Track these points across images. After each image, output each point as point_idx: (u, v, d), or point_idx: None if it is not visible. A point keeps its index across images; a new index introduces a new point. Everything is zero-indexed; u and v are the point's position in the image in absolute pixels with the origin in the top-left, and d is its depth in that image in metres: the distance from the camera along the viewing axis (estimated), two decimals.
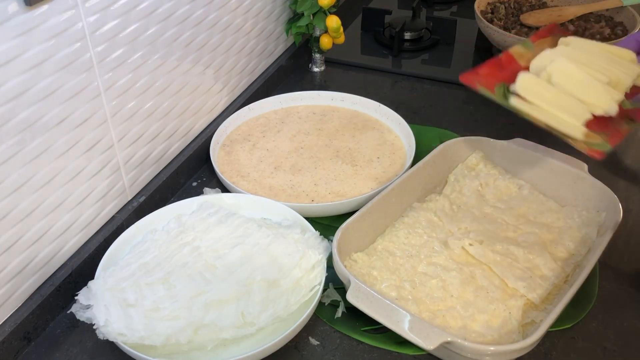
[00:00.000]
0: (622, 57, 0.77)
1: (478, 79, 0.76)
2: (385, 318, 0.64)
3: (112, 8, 0.71)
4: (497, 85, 0.74)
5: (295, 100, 1.06)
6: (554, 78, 0.72)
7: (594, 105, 0.71)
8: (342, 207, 0.83)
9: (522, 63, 0.78)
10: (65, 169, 0.71)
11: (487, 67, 0.78)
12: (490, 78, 0.76)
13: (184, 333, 0.65)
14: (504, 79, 0.76)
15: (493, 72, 0.77)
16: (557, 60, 0.74)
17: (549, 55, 0.76)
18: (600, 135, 0.70)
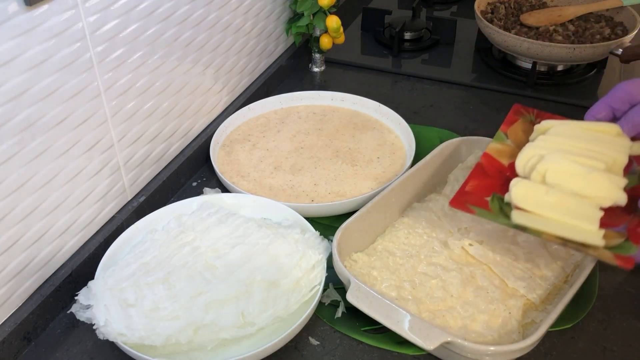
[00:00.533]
0: (608, 133, 0.70)
1: (468, 199, 0.69)
2: (385, 318, 0.64)
3: (112, 8, 0.71)
4: (490, 200, 0.68)
5: (295, 100, 1.06)
6: (549, 178, 0.66)
7: (601, 198, 0.65)
8: (342, 207, 0.84)
9: (504, 161, 0.73)
10: (65, 169, 0.71)
11: (473, 179, 0.72)
12: (479, 193, 0.70)
13: (184, 333, 0.65)
14: (495, 188, 0.70)
15: (480, 185, 0.71)
16: (546, 156, 0.67)
17: (532, 151, 0.69)
18: (620, 233, 0.63)
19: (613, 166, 0.68)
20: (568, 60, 1.08)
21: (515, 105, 0.81)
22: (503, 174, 0.71)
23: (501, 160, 0.73)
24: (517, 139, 0.76)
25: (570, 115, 1.06)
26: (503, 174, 0.72)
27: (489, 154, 0.74)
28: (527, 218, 0.65)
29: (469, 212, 0.67)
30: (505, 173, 0.72)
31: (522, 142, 0.74)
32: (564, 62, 1.11)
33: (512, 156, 0.72)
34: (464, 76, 1.17)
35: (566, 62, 1.11)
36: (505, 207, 0.67)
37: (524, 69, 1.16)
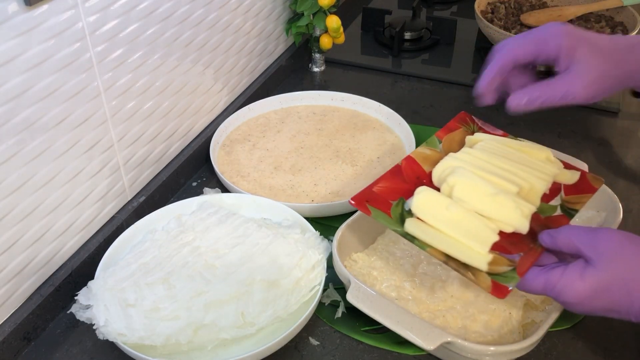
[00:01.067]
0: (536, 157, 0.69)
1: (370, 199, 0.66)
2: (385, 318, 0.64)
3: (112, 8, 0.71)
4: (395, 204, 0.65)
5: (295, 100, 1.06)
6: (456, 192, 0.64)
7: (502, 222, 0.62)
8: (342, 207, 0.83)
9: (426, 168, 0.70)
10: (65, 169, 0.71)
11: (384, 180, 0.68)
12: (386, 195, 0.66)
13: (183, 333, 0.65)
14: (404, 193, 0.66)
15: (390, 187, 0.67)
16: (457, 170, 0.65)
17: (449, 162, 0.68)
18: (509, 261, 0.60)
19: (528, 192, 0.65)
20: None
21: (462, 113, 0.79)
22: (420, 181, 0.68)
23: (424, 167, 0.70)
24: (450, 148, 0.73)
25: (570, 116, 1.06)
26: (420, 180, 0.69)
27: (412, 157, 0.71)
28: (419, 229, 0.62)
29: (366, 212, 0.65)
30: (422, 180, 0.69)
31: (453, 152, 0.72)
32: None
33: (436, 164, 0.70)
34: (464, 76, 1.17)
35: None
36: (406, 214, 0.64)
37: None
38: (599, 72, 0.59)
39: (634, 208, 0.86)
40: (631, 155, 0.96)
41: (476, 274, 0.59)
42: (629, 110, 1.06)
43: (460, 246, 0.61)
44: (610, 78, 0.60)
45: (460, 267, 0.60)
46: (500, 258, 0.60)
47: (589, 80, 0.59)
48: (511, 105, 0.63)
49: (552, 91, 0.60)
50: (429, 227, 0.63)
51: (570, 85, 0.59)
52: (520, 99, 0.62)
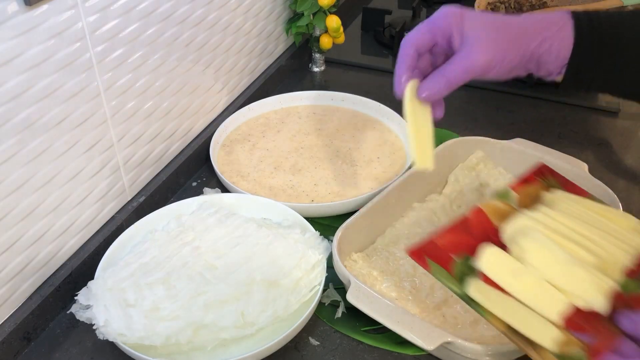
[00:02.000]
0: (619, 224, 0.62)
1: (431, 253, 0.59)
2: (385, 318, 0.64)
3: (112, 8, 0.71)
4: (458, 259, 0.59)
5: (295, 100, 1.06)
6: (527, 256, 0.57)
7: (576, 296, 0.55)
8: (342, 207, 0.83)
9: (496, 222, 0.62)
10: (65, 169, 0.71)
11: (450, 233, 0.61)
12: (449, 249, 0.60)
13: (183, 333, 0.65)
14: (470, 250, 0.59)
15: (455, 241, 0.60)
16: (531, 232, 0.59)
17: (523, 221, 0.61)
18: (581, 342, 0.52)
19: (609, 264, 0.58)
20: None
21: (540, 165, 0.71)
22: (486, 236, 0.61)
23: (493, 221, 0.63)
24: (524, 203, 0.66)
25: (570, 116, 1.06)
26: (487, 235, 0.61)
27: (482, 210, 0.64)
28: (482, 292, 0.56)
29: (424, 266, 0.59)
30: (489, 235, 0.61)
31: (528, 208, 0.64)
32: None
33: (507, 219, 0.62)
34: None
35: None
36: (469, 273, 0.58)
37: None
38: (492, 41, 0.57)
39: (634, 208, 0.86)
40: (631, 156, 0.96)
41: (541, 352, 0.53)
42: (629, 111, 1.06)
43: (526, 318, 0.54)
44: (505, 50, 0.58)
45: (522, 341, 0.54)
46: (570, 338, 0.53)
47: (484, 48, 0.57)
48: (421, 96, 0.60)
49: (454, 69, 0.58)
50: (494, 291, 0.56)
51: (467, 57, 0.57)
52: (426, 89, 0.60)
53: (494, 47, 0.57)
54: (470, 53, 0.57)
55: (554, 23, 0.59)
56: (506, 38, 0.58)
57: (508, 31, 0.58)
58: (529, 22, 0.59)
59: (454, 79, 0.59)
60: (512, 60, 0.59)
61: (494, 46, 0.57)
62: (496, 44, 0.57)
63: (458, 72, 0.58)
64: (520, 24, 0.59)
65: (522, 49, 0.58)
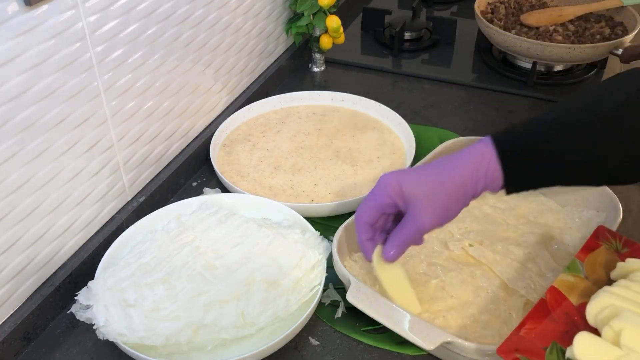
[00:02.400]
0: None
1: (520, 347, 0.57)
2: (385, 318, 0.64)
3: (112, 8, 0.71)
4: (549, 352, 0.56)
5: (295, 100, 1.06)
6: (625, 340, 0.53)
7: None
8: (342, 207, 0.83)
9: (573, 299, 0.61)
10: (65, 169, 0.71)
11: (531, 320, 0.59)
12: (536, 340, 0.58)
13: (184, 333, 0.65)
14: (557, 336, 0.57)
15: (539, 329, 0.59)
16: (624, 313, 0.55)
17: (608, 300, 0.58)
18: None
19: None
20: (568, 60, 1.08)
21: (600, 228, 0.70)
22: (570, 318, 0.60)
23: (570, 298, 0.61)
24: (595, 273, 0.64)
25: None
26: (570, 317, 0.60)
27: (557, 289, 0.62)
28: None
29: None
30: (572, 317, 0.60)
31: (600, 279, 0.63)
32: (564, 62, 1.11)
33: (585, 294, 0.61)
34: (464, 76, 1.17)
35: (566, 62, 1.11)
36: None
37: (523, 69, 1.16)
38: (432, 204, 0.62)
39: (634, 208, 0.86)
40: None
41: None
42: None
43: None
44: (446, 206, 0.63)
45: None
46: None
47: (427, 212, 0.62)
48: (387, 260, 0.66)
49: (407, 232, 0.63)
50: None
51: (415, 221, 0.63)
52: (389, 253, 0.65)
53: (436, 209, 0.62)
54: (417, 219, 0.62)
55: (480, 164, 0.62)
56: (444, 198, 0.62)
57: (443, 192, 0.62)
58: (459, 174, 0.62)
59: (411, 240, 0.64)
60: (455, 211, 0.63)
61: (436, 209, 0.62)
62: (436, 206, 0.62)
63: (411, 234, 0.63)
64: (452, 180, 0.62)
65: (460, 199, 0.63)
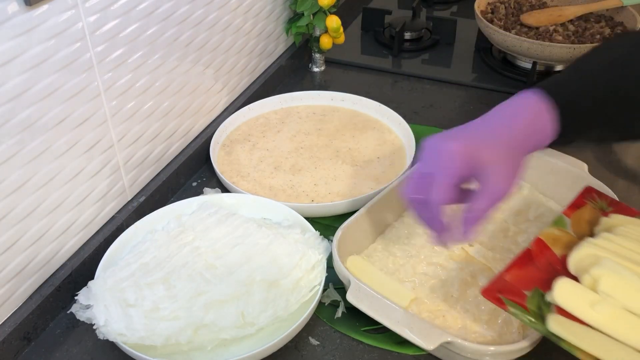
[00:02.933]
0: None
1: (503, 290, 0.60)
2: (385, 318, 0.64)
3: (112, 8, 0.71)
4: (530, 296, 0.59)
5: (295, 100, 1.06)
6: (602, 287, 0.57)
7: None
8: (342, 207, 0.83)
9: (558, 251, 0.64)
10: (65, 169, 0.71)
11: (516, 267, 0.62)
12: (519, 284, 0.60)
13: (183, 333, 0.65)
14: (539, 282, 0.60)
15: (522, 275, 0.61)
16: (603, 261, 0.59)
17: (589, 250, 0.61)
18: None
19: None
20: (568, 60, 1.08)
21: (588, 188, 0.73)
22: (552, 267, 0.62)
23: (555, 250, 0.64)
24: (579, 228, 0.67)
25: None
26: (553, 267, 0.62)
27: (542, 240, 0.65)
28: (565, 328, 0.56)
29: (502, 306, 0.59)
30: (555, 266, 0.63)
31: (584, 234, 0.66)
32: (564, 62, 1.11)
33: (568, 247, 0.64)
34: (464, 76, 1.17)
35: (566, 62, 1.11)
36: (544, 307, 0.58)
37: (523, 69, 1.16)
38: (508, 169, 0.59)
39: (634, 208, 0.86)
40: (631, 156, 0.96)
41: None
42: None
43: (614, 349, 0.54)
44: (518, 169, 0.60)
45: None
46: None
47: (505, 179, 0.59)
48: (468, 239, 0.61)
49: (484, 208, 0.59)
50: (575, 325, 0.56)
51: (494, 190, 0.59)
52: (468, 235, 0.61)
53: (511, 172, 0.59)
54: (496, 186, 0.58)
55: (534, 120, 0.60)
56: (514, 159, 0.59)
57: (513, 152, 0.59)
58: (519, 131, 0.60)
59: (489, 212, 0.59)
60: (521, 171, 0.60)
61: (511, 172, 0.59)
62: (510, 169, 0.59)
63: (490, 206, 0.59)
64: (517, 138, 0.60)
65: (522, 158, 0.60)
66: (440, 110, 1.08)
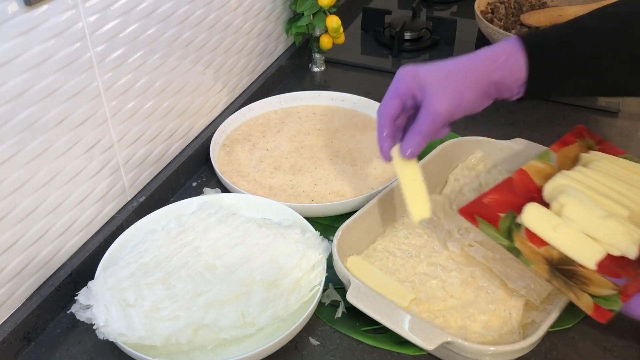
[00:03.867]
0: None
1: (480, 210, 0.66)
2: (385, 318, 0.64)
3: (112, 8, 0.71)
4: (503, 217, 0.66)
5: (295, 100, 1.06)
6: (565, 212, 0.65)
7: (610, 245, 0.63)
8: (342, 207, 0.83)
9: (538, 182, 0.69)
10: (65, 169, 0.71)
11: (495, 192, 0.69)
12: (495, 207, 0.67)
13: (184, 333, 0.65)
14: (514, 206, 0.67)
15: (500, 199, 0.68)
16: (569, 190, 0.66)
17: (562, 180, 0.68)
18: (614, 285, 0.60)
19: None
20: None
21: (579, 127, 0.77)
22: (530, 194, 0.68)
23: (536, 181, 0.70)
24: (564, 163, 0.72)
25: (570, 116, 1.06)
26: (530, 194, 0.68)
27: (525, 171, 0.71)
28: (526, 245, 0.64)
29: (474, 222, 0.66)
30: (532, 194, 0.68)
31: (567, 168, 0.70)
32: None
33: (548, 178, 0.69)
34: None
35: None
36: (514, 228, 0.65)
37: None
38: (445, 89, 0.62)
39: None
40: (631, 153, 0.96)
41: (579, 294, 0.60)
42: (629, 110, 1.05)
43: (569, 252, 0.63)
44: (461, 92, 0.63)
45: (563, 286, 0.61)
46: (604, 280, 0.61)
47: (440, 98, 0.62)
48: (405, 156, 0.67)
49: (423, 122, 0.64)
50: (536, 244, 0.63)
51: (429, 109, 0.63)
52: (408, 148, 0.66)
53: (449, 94, 0.62)
54: (431, 105, 0.62)
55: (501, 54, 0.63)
56: (457, 82, 0.63)
57: (458, 75, 0.63)
58: (478, 60, 0.64)
59: (427, 131, 0.64)
60: (470, 99, 0.63)
61: (449, 93, 0.62)
62: (449, 90, 0.63)
63: (427, 125, 0.63)
64: (468, 65, 0.64)
65: (475, 86, 0.63)
66: None
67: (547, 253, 0.64)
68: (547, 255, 0.64)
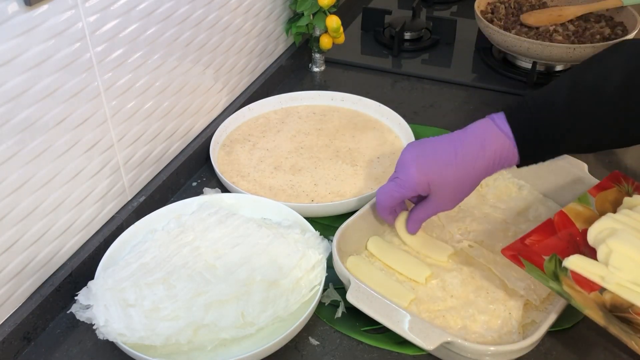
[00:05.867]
0: None
1: (522, 252, 0.65)
2: (385, 318, 0.64)
3: (112, 8, 0.71)
4: (548, 260, 0.65)
5: (295, 100, 1.06)
6: (613, 259, 0.62)
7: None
8: (342, 207, 0.83)
9: (579, 225, 0.69)
10: (65, 169, 0.71)
11: (536, 234, 0.68)
12: (538, 249, 0.66)
13: (184, 333, 0.65)
14: (558, 250, 0.65)
15: (542, 242, 0.67)
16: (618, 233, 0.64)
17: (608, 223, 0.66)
18: None
19: None
20: (568, 60, 1.08)
21: (615, 172, 0.77)
22: (572, 238, 0.67)
23: (576, 224, 0.69)
24: (603, 207, 0.71)
25: None
26: (573, 237, 0.67)
27: (564, 213, 0.70)
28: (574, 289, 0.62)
29: (519, 264, 0.64)
30: (575, 237, 0.67)
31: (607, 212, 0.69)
32: (564, 62, 1.11)
33: (589, 222, 0.68)
34: (464, 76, 1.17)
35: (566, 62, 1.11)
36: (560, 271, 0.64)
37: (524, 69, 1.16)
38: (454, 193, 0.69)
39: None
40: (631, 156, 0.96)
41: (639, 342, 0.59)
42: None
43: None
44: (465, 193, 0.70)
45: (622, 333, 0.59)
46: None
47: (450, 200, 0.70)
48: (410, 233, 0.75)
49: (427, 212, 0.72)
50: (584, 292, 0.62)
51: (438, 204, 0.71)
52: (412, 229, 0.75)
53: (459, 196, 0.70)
54: (441, 203, 0.70)
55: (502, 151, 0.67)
56: (467, 188, 0.69)
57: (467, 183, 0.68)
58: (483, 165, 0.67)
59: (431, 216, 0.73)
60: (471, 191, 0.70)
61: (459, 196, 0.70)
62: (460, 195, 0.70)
63: (433, 214, 0.72)
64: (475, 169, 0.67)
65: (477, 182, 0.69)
66: (440, 110, 1.08)
67: (597, 298, 0.62)
68: (597, 300, 0.62)
